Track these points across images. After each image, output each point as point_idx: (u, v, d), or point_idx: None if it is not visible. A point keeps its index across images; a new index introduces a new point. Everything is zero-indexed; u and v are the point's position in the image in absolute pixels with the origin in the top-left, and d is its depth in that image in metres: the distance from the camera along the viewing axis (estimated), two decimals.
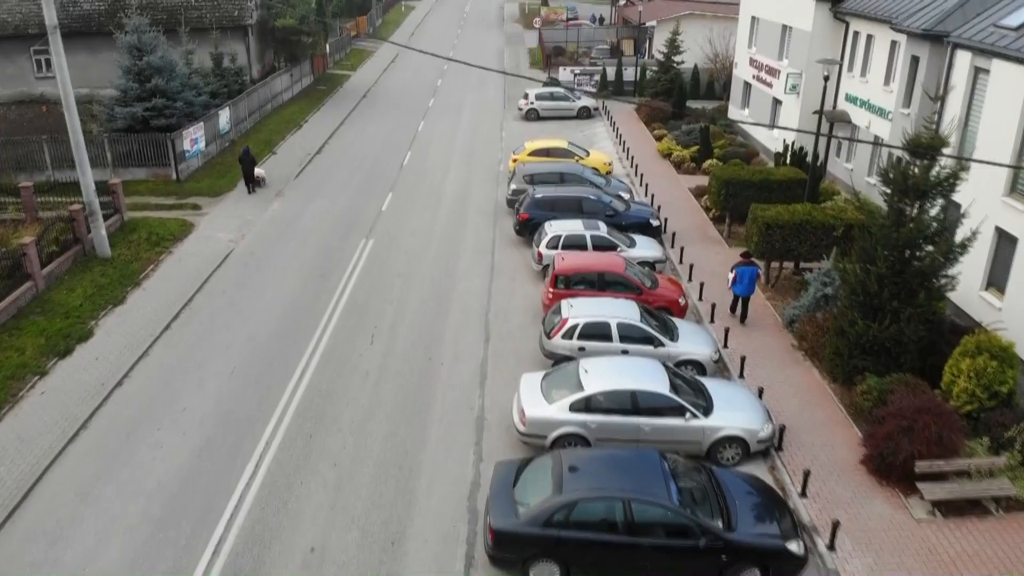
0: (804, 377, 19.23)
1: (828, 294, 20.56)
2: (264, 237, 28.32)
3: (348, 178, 35.27)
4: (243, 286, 24.38)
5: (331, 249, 27.21)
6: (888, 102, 29.13)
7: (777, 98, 37.66)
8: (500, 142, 41.88)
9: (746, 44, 42.38)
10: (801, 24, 34.59)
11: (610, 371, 16.43)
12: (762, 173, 27.39)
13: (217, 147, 37.68)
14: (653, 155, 38.70)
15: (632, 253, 24.58)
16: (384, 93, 54.45)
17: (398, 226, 29.52)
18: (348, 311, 22.72)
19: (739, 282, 21.41)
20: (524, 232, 27.70)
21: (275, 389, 18.84)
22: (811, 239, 22.69)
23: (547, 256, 24.47)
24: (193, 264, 25.81)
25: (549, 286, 21.71)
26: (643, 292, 21.40)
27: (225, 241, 27.80)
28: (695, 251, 26.49)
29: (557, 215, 27.10)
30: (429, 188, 34.08)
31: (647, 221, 27.40)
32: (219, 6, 46.53)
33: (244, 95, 41.72)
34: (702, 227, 29.22)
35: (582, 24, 76.18)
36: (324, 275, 25.14)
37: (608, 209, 27.28)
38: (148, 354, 20.56)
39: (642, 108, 46.71)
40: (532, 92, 47.03)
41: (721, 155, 36.74)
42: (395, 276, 25.15)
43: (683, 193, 33.03)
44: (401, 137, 42.63)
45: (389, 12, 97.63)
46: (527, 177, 30.71)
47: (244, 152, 33.33)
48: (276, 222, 29.83)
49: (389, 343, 21.00)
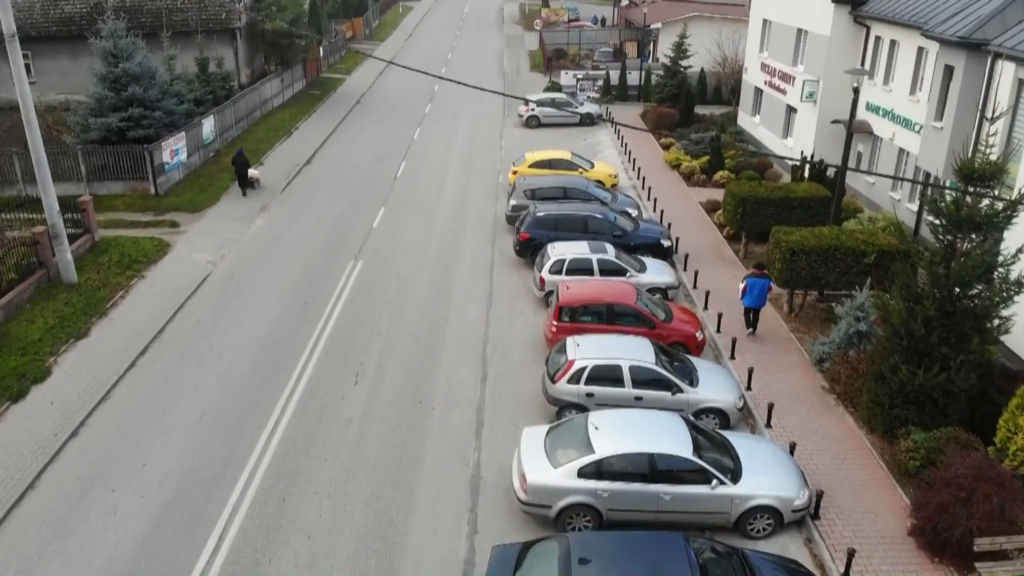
0: (838, 426, 17.23)
1: (862, 330, 18.57)
2: (245, 258, 26.31)
3: (338, 191, 33.27)
4: (218, 316, 22.38)
5: (316, 272, 25.21)
6: (915, 113, 27.14)
7: (791, 106, 35.67)
8: (499, 151, 39.89)
9: (757, 48, 40.40)
10: (818, 28, 32.61)
11: (624, 428, 14.42)
12: (781, 190, 25.39)
13: (200, 158, 35.67)
14: (660, 165, 36.70)
15: (642, 279, 22.60)
16: (379, 98, 52.46)
17: (389, 245, 27.53)
18: (331, 345, 20.72)
19: (748, 294, 20.59)
20: (524, 253, 25.72)
21: (246, 440, 16.84)
22: (840, 266, 20.69)
23: (550, 282, 22.50)
24: (166, 290, 23.81)
25: (553, 318, 19.72)
26: (656, 326, 19.41)
27: (202, 263, 25.80)
28: (710, 274, 24.50)
29: (560, 235, 25.14)
30: (424, 202, 32.09)
31: (657, 241, 25.41)
32: (206, 8, 44.53)
33: (230, 102, 39.71)
34: (716, 246, 27.22)
35: (584, 26, 74.20)
36: (307, 302, 23.15)
37: (615, 229, 25.29)
38: (109, 397, 18.56)
39: (648, 114, 44.72)
40: (533, 98, 45.03)
41: (733, 166, 34.75)
42: (384, 303, 23.15)
43: (694, 208, 31.03)
44: (396, 146, 40.64)
45: (387, 13, 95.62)
46: (528, 192, 28.72)
47: (238, 154, 32.21)
48: (259, 241, 27.82)
49: (375, 384, 19.00)
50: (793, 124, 35.81)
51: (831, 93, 32.17)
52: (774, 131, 37.76)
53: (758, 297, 20.62)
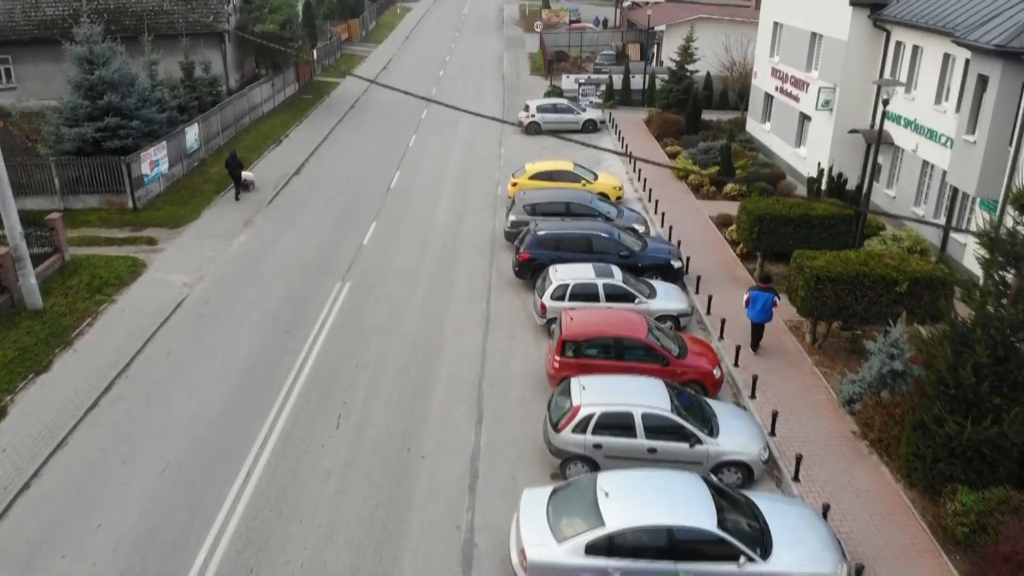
0: (873, 480, 15.49)
1: (897, 370, 16.82)
2: (224, 280, 24.56)
3: (328, 204, 31.51)
4: (192, 346, 20.63)
5: (300, 296, 23.46)
6: (941, 124, 25.42)
7: (805, 113, 33.92)
8: (498, 159, 38.14)
9: (767, 52, 38.65)
10: (834, 32, 30.86)
11: (638, 495, 12.68)
12: (800, 207, 23.64)
13: (183, 168, 33.93)
14: (667, 175, 34.94)
15: (652, 305, 20.88)
16: (374, 103, 50.70)
17: (380, 265, 25.78)
18: (312, 381, 18.97)
19: (751, 306, 19.86)
20: (524, 274, 24.00)
21: (213, 497, 15.10)
22: (869, 295, 18.93)
23: (552, 309, 20.78)
24: (138, 316, 22.06)
25: (555, 353, 17.98)
26: (670, 363, 17.67)
27: (179, 285, 24.05)
28: (724, 298, 22.76)
29: (563, 255, 23.43)
30: (418, 216, 30.34)
31: (667, 262, 23.66)
32: (192, 10, 42.80)
33: (217, 108, 37.94)
34: (729, 266, 25.48)
35: (585, 27, 72.47)
36: (289, 330, 21.40)
37: (622, 248, 23.55)
38: (67, 443, 16.81)
39: (653, 121, 42.97)
40: (533, 104, 43.28)
41: (744, 177, 33.02)
42: (372, 332, 21.41)
43: (703, 223, 29.28)
44: (390, 154, 38.89)
45: (384, 14, 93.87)
46: (528, 207, 26.99)
47: (231, 156, 31.36)
48: (240, 260, 26.07)
49: (359, 427, 17.25)
50: (807, 133, 34.07)
51: (848, 101, 30.45)
52: (786, 139, 36.02)
53: (761, 311, 19.78)
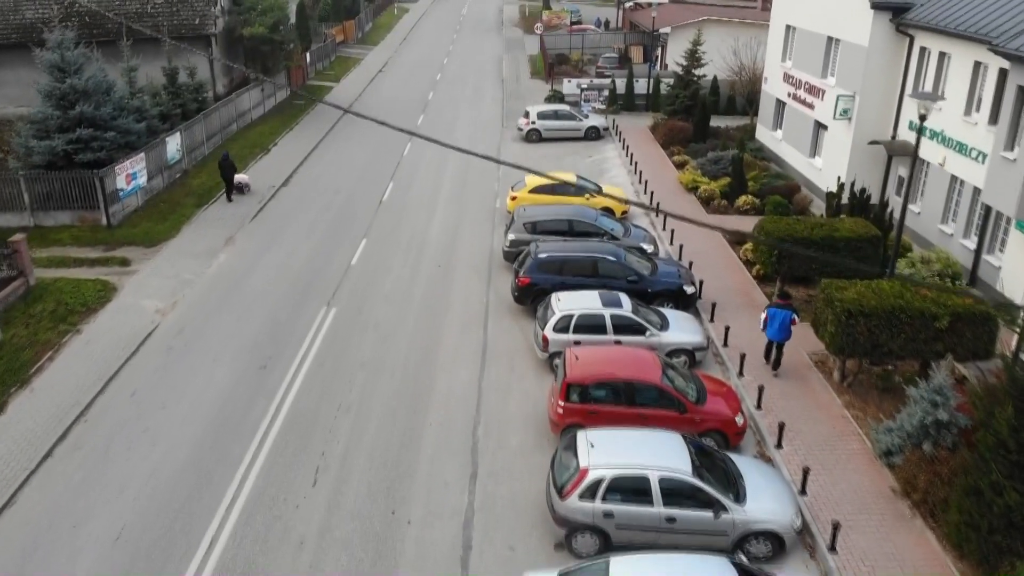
0: (918, 548, 13.67)
1: (941, 420, 15.00)
2: (200, 305, 22.74)
3: (316, 219, 29.68)
4: (159, 385, 18.81)
5: (281, 324, 21.64)
6: (972, 137, 23.61)
7: (821, 122, 32.09)
8: (497, 169, 36.31)
9: (779, 56, 36.80)
10: (853, 37, 29.03)
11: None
12: (823, 228, 21.81)
13: (164, 180, 32.10)
14: (675, 188, 33.12)
15: (665, 338, 19.07)
16: (368, 108, 48.76)
17: (369, 287, 23.97)
18: (289, 427, 17.15)
19: (770, 325, 18.91)
20: (524, 300, 22.19)
21: (171, 570, 13.28)
22: (906, 332, 17.10)
23: (555, 342, 18.98)
24: (103, 349, 20.25)
25: (559, 398, 16.16)
26: (687, 409, 15.87)
27: (151, 312, 22.24)
28: (742, 327, 20.95)
29: (566, 280, 21.65)
30: (411, 233, 28.51)
31: (680, 288, 21.84)
32: (177, 13, 40.98)
33: (201, 116, 36.12)
34: (745, 289, 23.66)
35: (587, 29, 70.62)
36: (266, 365, 19.58)
37: (630, 273, 21.74)
38: (14, 501, 15.01)
39: (659, 128, 41.13)
40: (534, 110, 41.45)
41: (757, 190, 31.18)
42: (357, 366, 19.58)
43: (716, 240, 27.44)
44: (383, 164, 37.06)
45: (381, 15, 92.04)
46: (528, 226, 25.16)
47: (223, 158, 30.65)
48: (219, 283, 24.24)
49: (338, 484, 15.42)
50: (822, 142, 32.22)
51: (869, 110, 28.63)
52: (800, 149, 34.18)
53: (779, 329, 18.77)
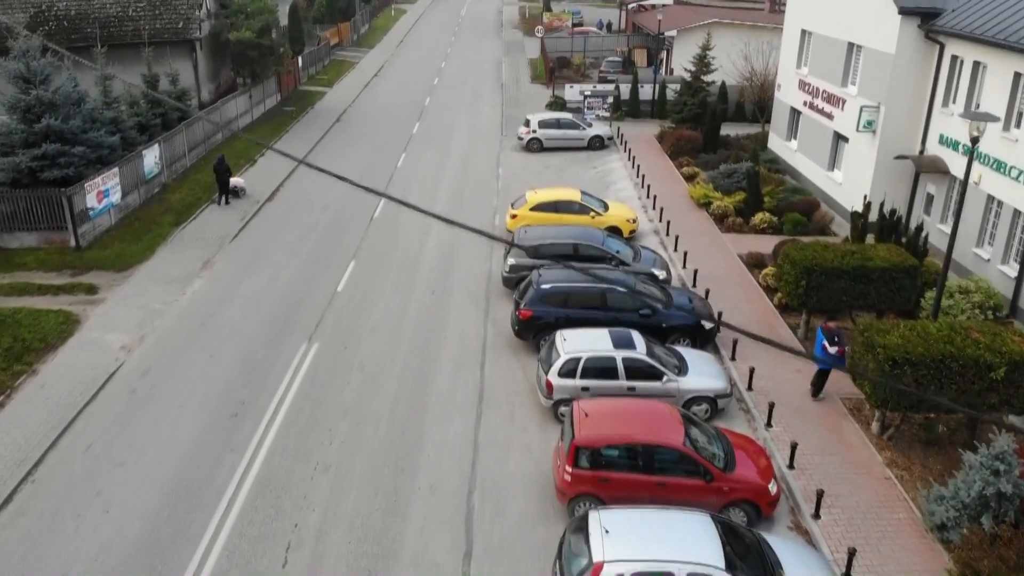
0: None
1: (1004, 491, 12.98)
2: (169, 341, 20.71)
3: (301, 239, 27.64)
4: (118, 438, 16.77)
5: (256, 363, 19.60)
6: (1012, 155, 21.66)
7: (841, 133, 30.06)
8: (496, 182, 34.31)
9: (793, 63, 34.79)
10: (878, 44, 27.01)
11: None
12: (855, 256, 19.74)
13: (141, 196, 30.06)
14: (685, 203, 31.10)
15: (684, 384, 17.05)
16: (362, 115, 46.83)
17: (355, 318, 21.94)
18: (259, 492, 15.10)
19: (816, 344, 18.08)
20: (526, 334, 20.17)
21: None
22: (957, 382, 15.09)
23: (560, 388, 16.99)
24: (60, 393, 18.22)
25: (566, 462, 14.13)
26: (714, 477, 13.85)
27: (115, 349, 20.20)
28: (767, 367, 18.94)
29: (571, 313, 19.65)
30: (403, 254, 26.49)
31: (698, 322, 19.82)
32: (160, 16, 38.98)
33: (183, 125, 34.08)
34: (768, 321, 21.64)
35: (588, 31, 68.59)
36: (238, 413, 17.54)
37: (642, 306, 19.71)
38: None
39: (666, 137, 39.11)
40: (534, 118, 39.42)
41: (774, 206, 29.16)
42: (339, 415, 17.54)
43: (732, 263, 25.42)
44: (376, 175, 35.01)
45: (378, 16, 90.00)
46: (529, 250, 23.15)
47: (219, 161, 30.22)
48: (191, 313, 22.20)
49: (312, 563, 13.35)
50: (842, 155, 30.19)
51: (895, 122, 26.62)
52: (817, 161, 32.16)
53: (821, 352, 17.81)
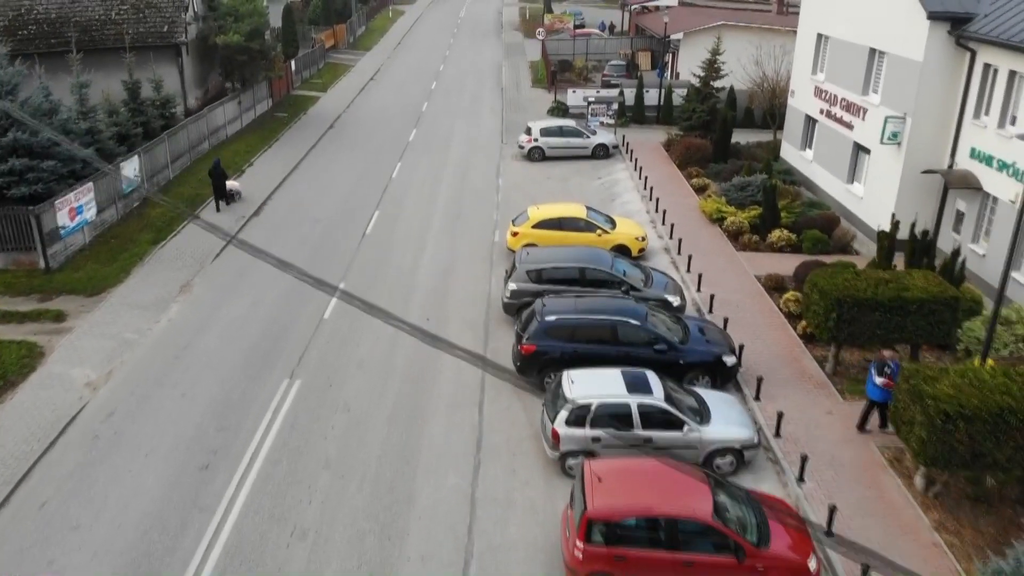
0: None
1: None
2: (139, 376, 18.92)
3: (288, 257, 25.52)
4: (76, 493, 14.98)
5: (232, 404, 17.81)
6: None
7: (862, 145, 28.28)
8: (496, 194, 32.54)
9: (808, 68, 33.03)
10: (904, 51, 25.25)
11: None
12: (890, 287, 17.93)
13: (119, 212, 28.26)
14: (696, 217, 29.32)
15: (707, 433, 15.30)
16: (357, 121, 45.05)
17: (342, 350, 20.16)
18: (226, 564, 13.29)
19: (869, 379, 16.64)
20: (529, 371, 18.39)
21: None
22: (1016, 439, 13.34)
23: (568, 438, 15.23)
24: (16, 440, 16.41)
25: (577, 536, 12.36)
26: (747, 554, 12.08)
27: (79, 386, 18.42)
28: (795, 405, 17.19)
29: (578, 348, 17.90)
30: (396, 275, 24.72)
31: (718, 358, 18.04)
32: (144, 20, 37.18)
33: (165, 135, 32.27)
34: (792, 354, 19.85)
35: (591, 33, 66.80)
36: (209, 465, 15.76)
37: (658, 340, 17.92)
38: None
39: (674, 146, 37.33)
40: (536, 126, 37.65)
41: (792, 222, 27.39)
42: (320, 467, 15.77)
43: (749, 285, 23.65)
44: (369, 187, 33.24)
45: (375, 18, 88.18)
46: (532, 274, 21.37)
47: (214, 165, 29.71)
48: (165, 344, 20.42)
49: None
50: (863, 168, 28.41)
51: (922, 134, 24.87)
52: (835, 173, 30.38)
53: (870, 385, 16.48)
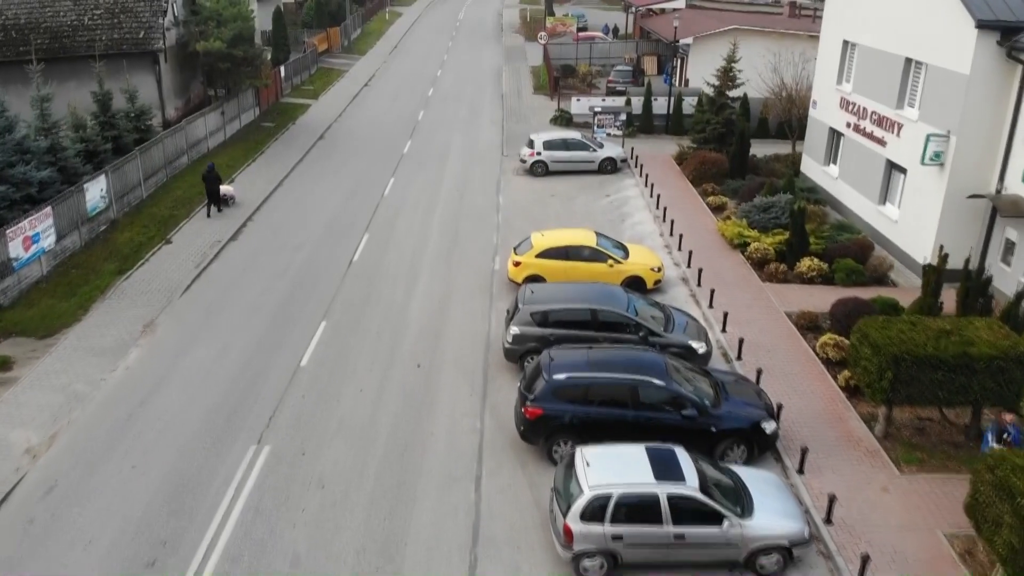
0: None
1: None
2: (87, 441, 16.41)
3: (265, 291, 23.34)
4: None
5: (189, 479, 15.28)
6: None
7: (896, 163, 25.81)
8: (496, 214, 30.06)
9: (832, 78, 30.55)
10: (947, 62, 22.80)
11: None
12: (953, 341, 15.39)
13: (83, 237, 25.77)
14: (715, 241, 26.83)
15: (751, 528, 12.85)
16: (348, 131, 42.54)
17: (318, 408, 17.61)
18: None
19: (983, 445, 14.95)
20: (535, 438, 15.91)
21: None
22: None
23: (583, 536, 12.74)
24: None
25: None
26: None
27: (18, 453, 15.91)
28: (844, 481, 14.73)
29: (593, 412, 15.44)
30: (385, 312, 22.21)
31: (757, 425, 15.55)
32: (119, 25, 34.71)
33: (137, 151, 29.76)
34: (834, 411, 17.36)
35: (594, 37, 64.26)
36: (155, 561, 13.25)
37: (685, 404, 15.42)
38: None
39: (688, 161, 34.80)
40: (539, 138, 35.16)
41: (822, 249, 24.89)
42: (287, 563, 13.26)
43: (780, 325, 21.14)
44: (359, 206, 30.75)
45: (371, 20, 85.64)
46: (536, 315, 18.89)
47: (208, 169, 28.97)
48: (120, 398, 17.90)
49: None
50: (898, 188, 25.92)
51: (968, 155, 22.45)
52: (864, 193, 27.88)
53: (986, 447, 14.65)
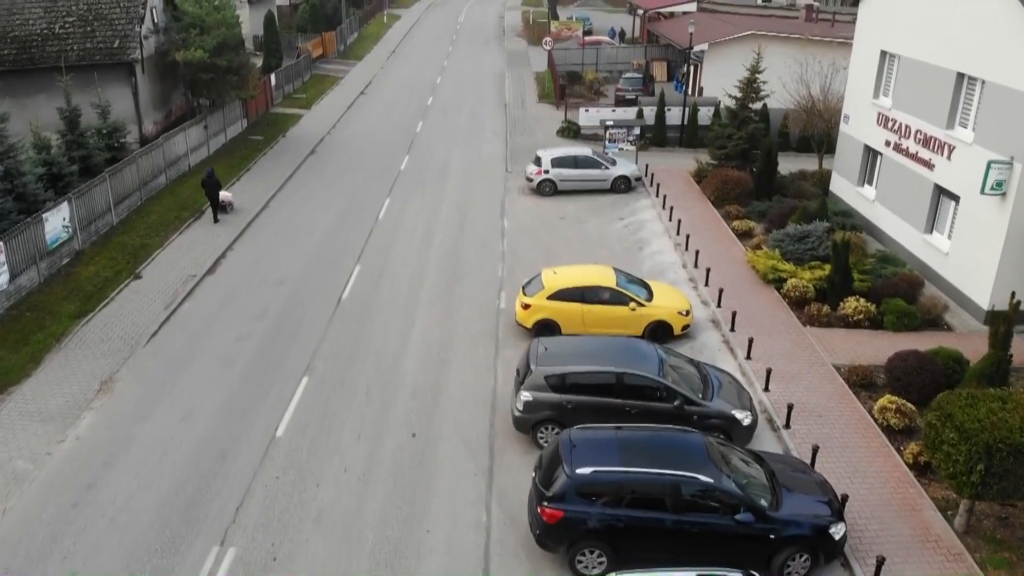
0: None
1: None
2: (20, 539, 13.68)
3: (239, 339, 20.58)
4: None
5: None
6: None
7: (946, 189, 23.14)
8: (501, 240, 27.36)
9: (868, 91, 27.85)
10: (1008, 79, 20.18)
11: None
12: None
13: (42, 274, 23.08)
14: (744, 274, 24.14)
15: None
16: (342, 145, 39.81)
17: (294, 494, 14.90)
18: None
19: None
20: (555, 546, 13.21)
21: None
22: None
23: None
24: None
25: None
26: None
27: None
28: None
29: (621, 515, 12.78)
30: (376, 364, 19.49)
31: (824, 530, 12.84)
32: (93, 34, 32.03)
33: (106, 174, 27.04)
34: (904, 497, 14.68)
35: (601, 42, 61.54)
36: None
37: (740, 505, 12.71)
38: None
39: (708, 179, 32.08)
40: (546, 155, 32.45)
41: (867, 288, 22.22)
42: None
43: (829, 381, 18.42)
44: (350, 233, 28.02)
45: (369, 23, 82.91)
46: (552, 379, 16.19)
47: (208, 175, 27.97)
48: (66, 480, 15.17)
49: None
50: (948, 217, 23.24)
51: None
52: (908, 219, 25.17)
53: None
